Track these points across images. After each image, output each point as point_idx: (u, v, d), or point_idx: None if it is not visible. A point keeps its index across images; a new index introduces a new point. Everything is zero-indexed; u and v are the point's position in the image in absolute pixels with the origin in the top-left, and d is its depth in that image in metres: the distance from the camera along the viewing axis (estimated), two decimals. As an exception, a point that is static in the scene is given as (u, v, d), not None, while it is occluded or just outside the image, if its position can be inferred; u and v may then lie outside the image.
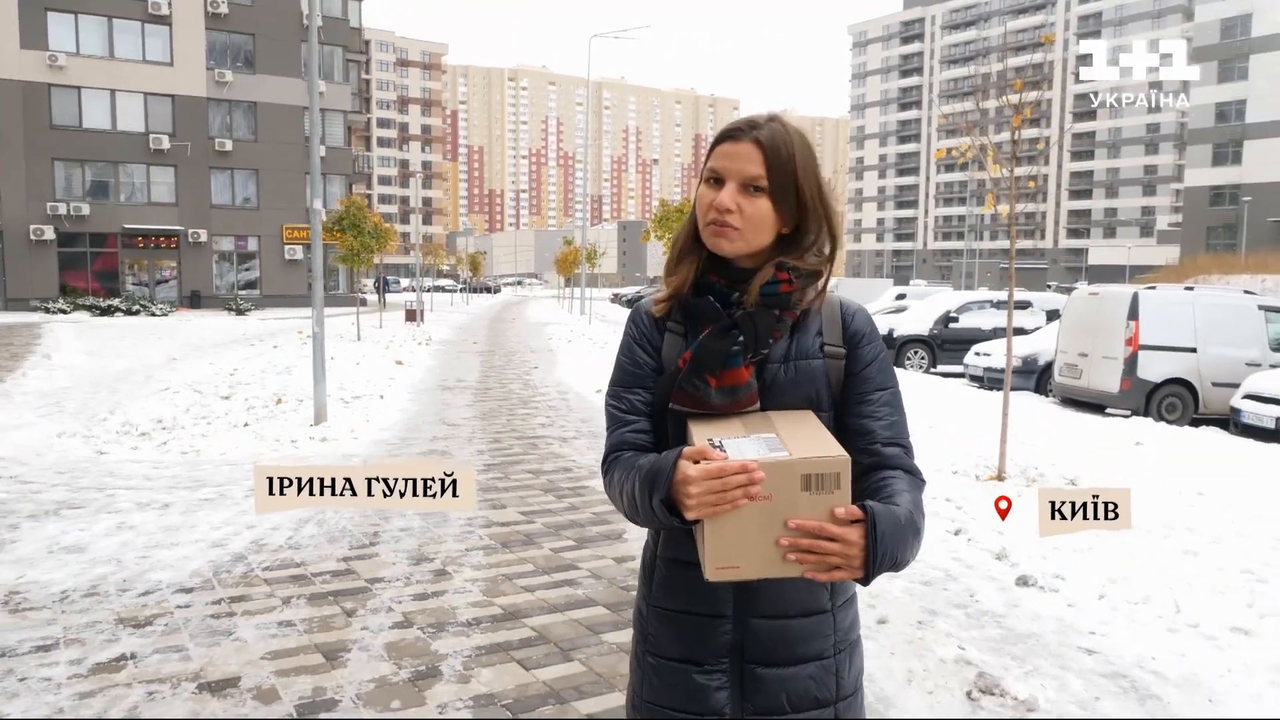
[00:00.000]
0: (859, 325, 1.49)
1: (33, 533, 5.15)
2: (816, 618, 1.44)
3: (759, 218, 1.41)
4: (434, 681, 3.37)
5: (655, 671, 1.47)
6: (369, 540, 5.21)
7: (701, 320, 1.44)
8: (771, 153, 1.39)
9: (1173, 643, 3.99)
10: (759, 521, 1.24)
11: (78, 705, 3.08)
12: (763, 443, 1.30)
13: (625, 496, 1.39)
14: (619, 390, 1.50)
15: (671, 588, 1.46)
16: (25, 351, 16.81)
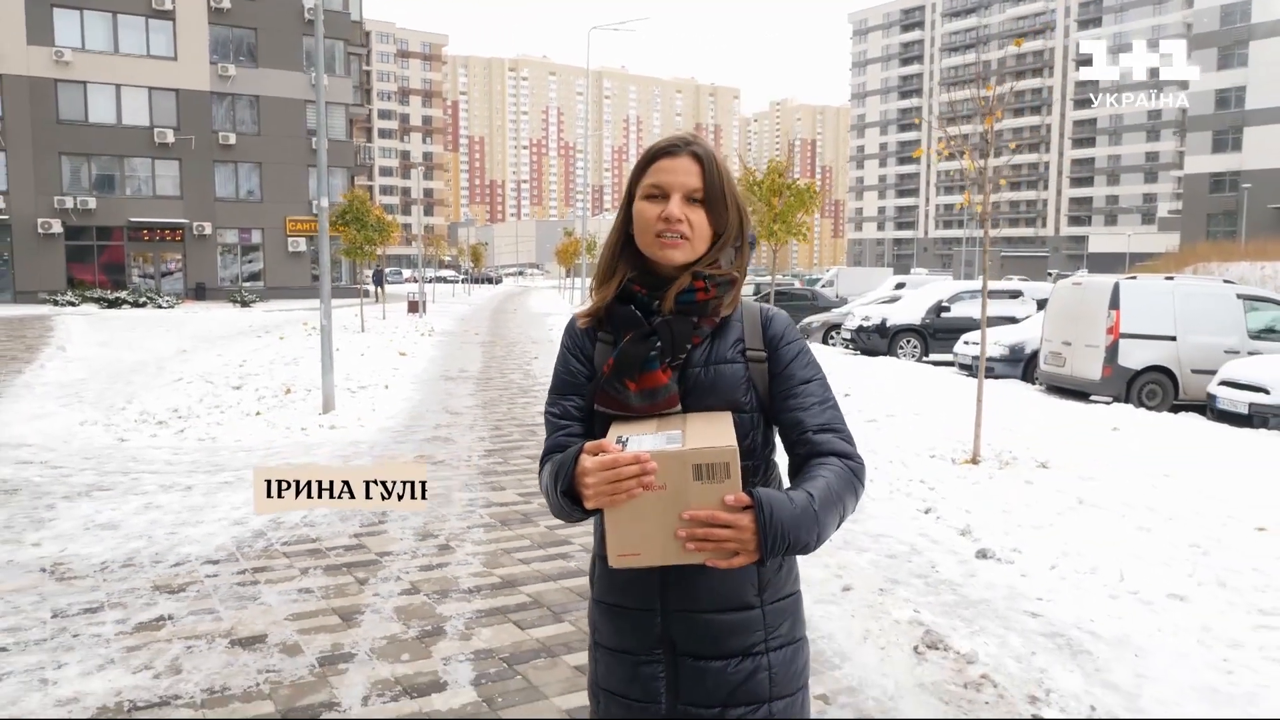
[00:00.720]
0: (777, 328, 1.57)
1: (68, 512, 5.57)
2: (742, 613, 1.48)
3: (703, 226, 1.50)
4: (439, 639, 3.77)
5: (603, 660, 1.56)
6: (378, 519, 5.62)
7: (623, 327, 1.52)
8: (708, 165, 1.50)
9: (1112, 607, 4.38)
10: (655, 510, 1.30)
11: (127, 656, 3.49)
12: (664, 438, 1.37)
13: (544, 493, 1.48)
14: (554, 397, 1.60)
15: (608, 582, 1.54)
16: (40, 343, 17.24)
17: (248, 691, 3.25)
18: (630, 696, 1.50)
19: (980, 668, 3.60)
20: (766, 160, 12.74)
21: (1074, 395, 12.60)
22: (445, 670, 3.46)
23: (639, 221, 1.50)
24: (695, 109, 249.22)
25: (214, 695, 3.22)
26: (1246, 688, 3.49)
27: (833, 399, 1.54)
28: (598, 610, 1.57)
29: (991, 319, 17.19)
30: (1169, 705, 3.32)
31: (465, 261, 69.89)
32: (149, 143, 36.85)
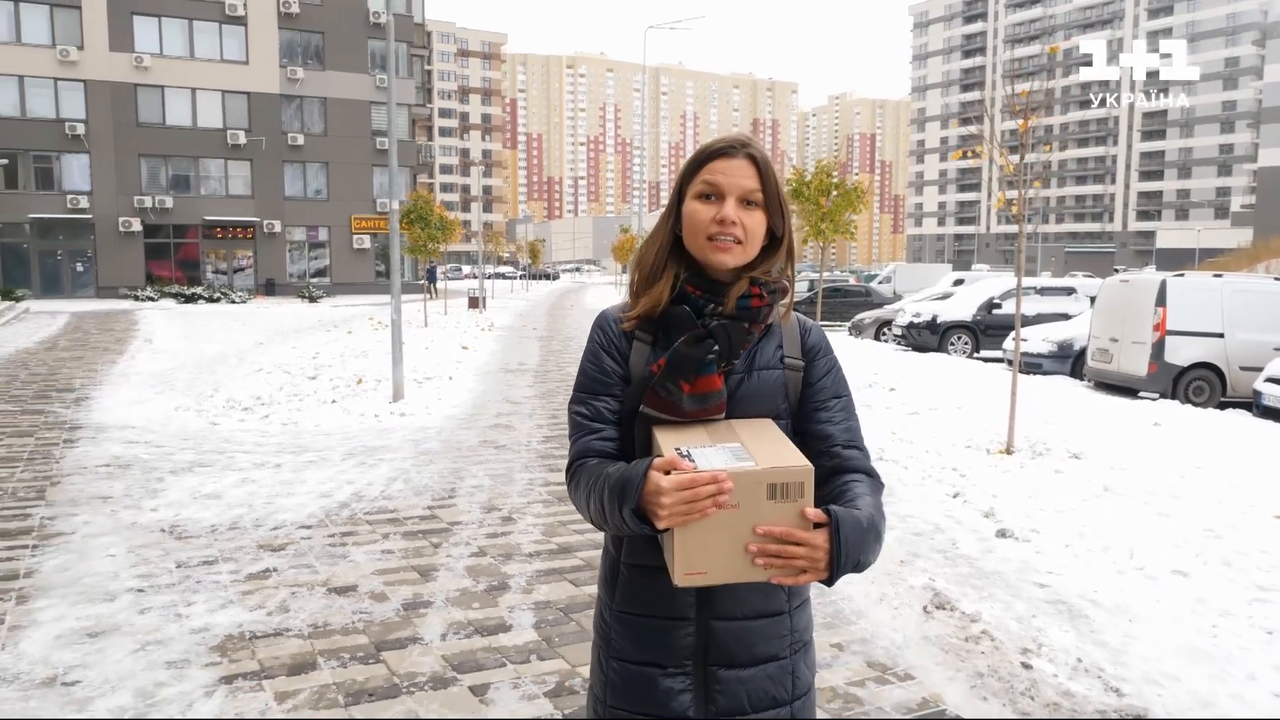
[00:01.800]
0: (815, 340, 1.58)
1: (176, 484, 6.27)
2: (774, 619, 1.49)
3: (756, 231, 1.48)
4: (504, 592, 4.32)
5: (619, 675, 1.49)
6: (448, 494, 6.21)
7: (676, 329, 1.48)
8: (764, 167, 1.48)
9: (1116, 581, 4.75)
10: (726, 529, 1.28)
11: (243, 598, 4.12)
12: (729, 452, 1.34)
13: (593, 506, 1.41)
14: (585, 397, 1.53)
15: (635, 593, 1.49)
16: (128, 336, 18.37)
17: (345, 627, 3.84)
18: (650, 712, 1.46)
19: (982, 625, 4.03)
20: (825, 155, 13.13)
21: (1121, 392, 12.75)
22: (510, 616, 4.02)
23: (691, 222, 1.48)
24: (753, 104, 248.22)
25: (317, 629, 3.81)
26: (1227, 649, 3.86)
27: (856, 416, 1.57)
28: (619, 622, 1.51)
29: (1045, 316, 17.46)
30: (1150, 660, 3.71)
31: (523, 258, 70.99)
32: (222, 144, 38.40)
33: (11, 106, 35.42)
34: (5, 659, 3.45)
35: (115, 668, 3.38)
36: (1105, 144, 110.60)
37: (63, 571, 4.45)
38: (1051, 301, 18.54)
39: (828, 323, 25.59)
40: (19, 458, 7.15)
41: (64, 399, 10.29)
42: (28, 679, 3.29)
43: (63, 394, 10.66)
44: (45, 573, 4.44)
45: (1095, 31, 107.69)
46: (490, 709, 3.15)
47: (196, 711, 3.06)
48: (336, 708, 3.14)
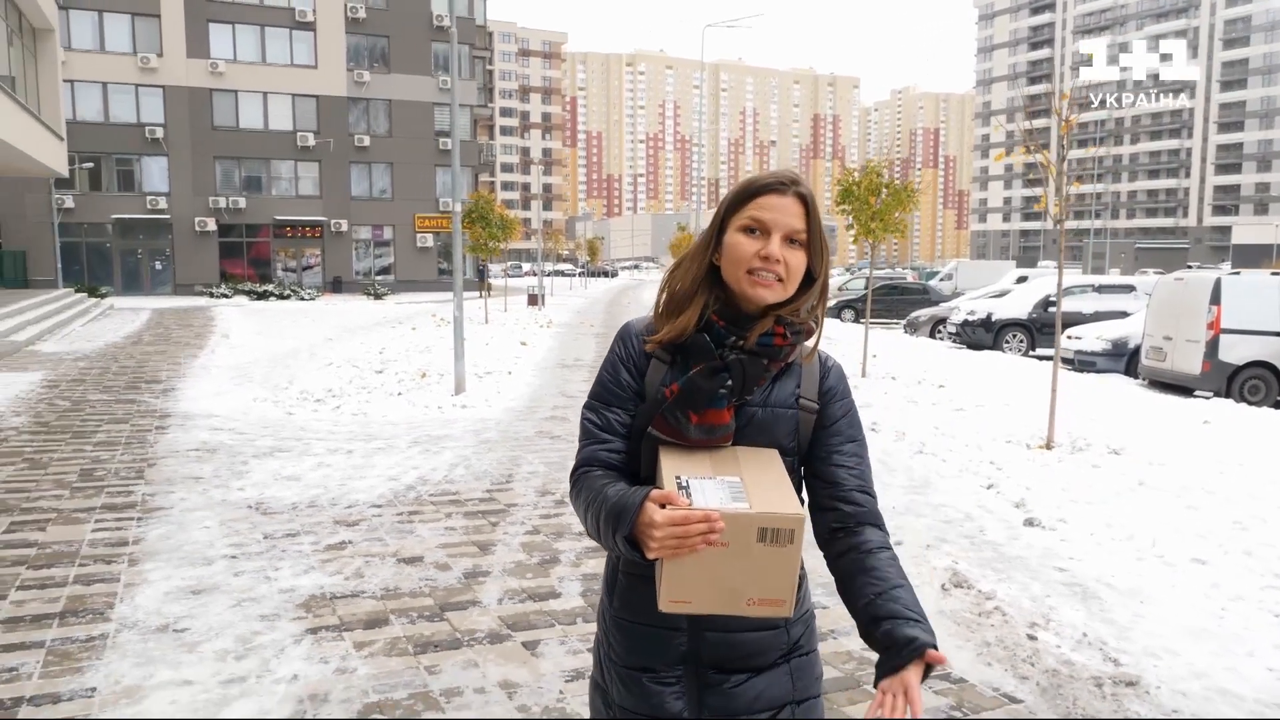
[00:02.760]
0: (833, 382, 1.58)
1: (259, 467, 6.84)
2: (770, 632, 1.51)
3: (797, 270, 1.48)
4: (554, 565, 4.74)
5: (617, 677, 1.55)
6: (505, 479, 6.67)
7: (694, 357, 1.50)
8: (811, 207, 1.49)
9: (1135, 567, 4.98)
10: (715, 564, 1.32)
11: (322, 565, 4.61)
12: (726, 488, 1.37)
13: (590, 520, 1.44)
14: (598, 405, 1.55)
15: (631, 599, 1.52)
16: (206, 332, 19.34)
17: (413, 591, 4.30)
18: (644, 713, 1.51)
19: (996, 602, 4.32)
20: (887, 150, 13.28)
21: (1175, 390, 12.70)
22: (560, 585, 4.43)
23: (732, 253, 1.48)
24: (813, 99, 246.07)
25: (389, 592, 4.28)
26: (1233, 629, 4.09)
27: (868, 459, 1.59)
28: (616, 626, 1.55)
29: (1103, 314, 17.35)
30: (1153, 637, 3.97)
31: (582, 256, 71.72)
32: (292, 146, 39.70)
33: (95, 112, 37.09)
34: (124, 610, 3.98)
35: (217, 619, 3.89)
36: (1179, 136, 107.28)
37: (165, 540, 5.01)
38: (1111, 299, 18.41)
39: (883, 320, 25.60)
40: (118, 442, 7.82)
41: (152, 389, 11.04)
42: (144, 626, 3.80)
43: (151, 385, 11.43)
44: (150, 541, 5.00)
45: (1169, 21, 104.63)
46: (540, 661, 3.56)
47: (288, 655, 3.53)
48: (407, 655, 3.58)
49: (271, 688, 3.25)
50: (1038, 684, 3.50)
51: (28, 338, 16.19)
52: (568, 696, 3.26)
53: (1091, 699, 3.39)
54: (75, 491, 6.07)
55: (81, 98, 36.36)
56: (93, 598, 4.13)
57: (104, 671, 3.36)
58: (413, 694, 3.25)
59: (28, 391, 10.57)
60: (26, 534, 5.09)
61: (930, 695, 3.34)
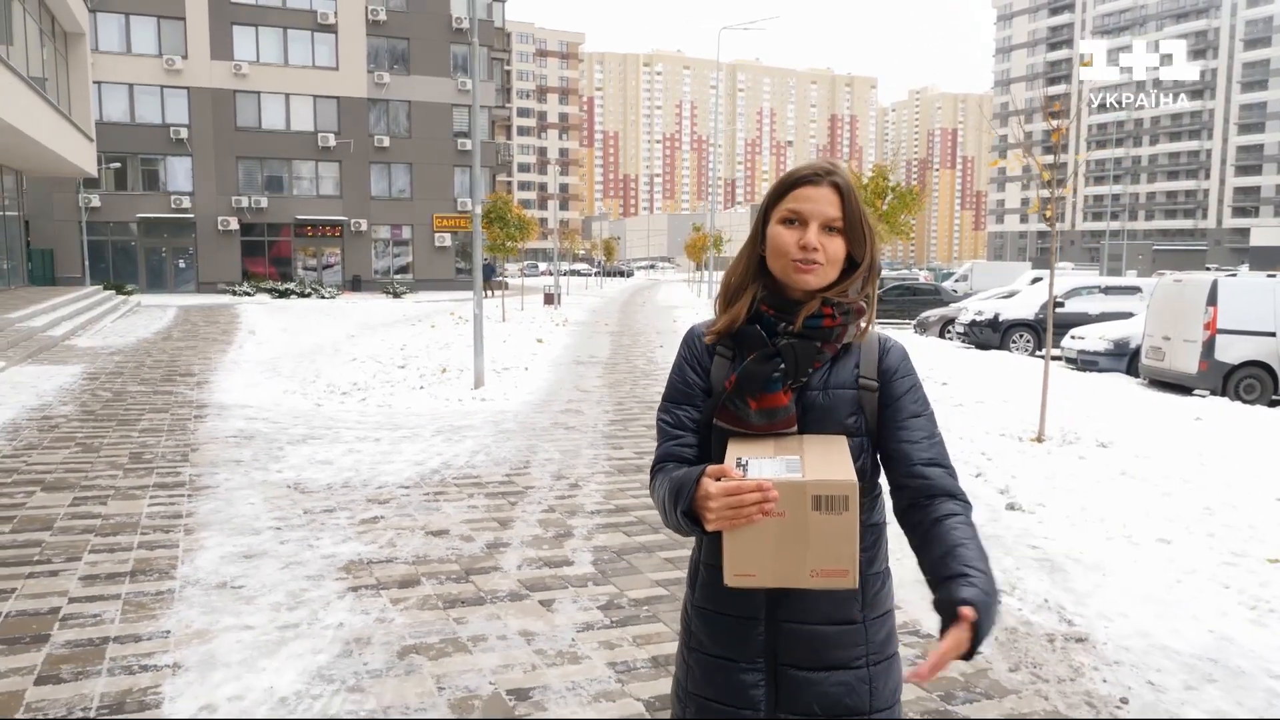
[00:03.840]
0: (892, 361, 1.61)
1: (294, 452, 7.35)
2: (846, 627, 1.52)
3: (837, 255, 1.53)
4: (568, 539, 5.21)
5: (698, 665, 1.58)
6: (523, 465, 7.14)
7: (748, 346, 1.56)
8: (847, 196, 1.53)
9: (1102, 545, 5.39)
10: (774, 536, 1.34)
11: (358, 536, 5.10)
12: (784, 464, 1.40)
13: (659, 504, 1.52)
14: (669, 405, 1.63)
15: (711, 590, 1.57)
16: (232, 328, 19.94)
17: (441, 558, 4.78)
18: (726, 702, 1.54)
19: (969, 573, 4.74)
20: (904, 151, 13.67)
21: (1174, 389, 13.03)
22: (572, 555, 4.90)
23: (775, 245, 1.55)
24: (830, 100, 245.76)
25: (419, 559, 4.76)
26: (1183, 598, 4.50)
27: (939, 434, 1.60)
28: (698, 616, 1.60)
29: (1109, 315, 17.66)
30: (1108, 603, 4.39)
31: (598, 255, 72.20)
32: (313, 146, 40.39)
33: (121, 113, 37.88)
34: (186, 570, 4.48)
35: (268, 578, 4.37)
36: (1199, 138, 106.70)
37: (216, 514, 5.51)
38: (1117, 301, 18.70)
39: (894, 321, 25.99)
40: (160, 429, 8.35)
41: (187, 382, 11.60)
42: (206, 583, 4.30)
43: (185, 378, 11.99)
44: (202, 514, 5.50)
45: (1189, 21, 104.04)
46: (555, 615, 4.03)
47: (333, 608, 4.02)
48: (438, 610, 4.06)
49: (321, 632, 3.74)
50: (996, 639, 3.93)
51: (63, 333, 16.81)
52: (578, 643, 3.73)
53: (1042, 652, 3.82)
54: (128, 472, 6.60)
55: (108, 99, 37.16)
56: (156, 560, 4.63)
57: (175, 618, 3.86)
58: (444, 639, 3.72)
59: (71, 383, 11.14)
60: (90, 507, 5.61)
61: (901, 648, 3.77)
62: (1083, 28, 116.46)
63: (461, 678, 3.36)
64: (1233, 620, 4.20)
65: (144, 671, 3.35)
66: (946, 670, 1.44)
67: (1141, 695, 3.41)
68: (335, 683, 3.28)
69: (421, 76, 41.87)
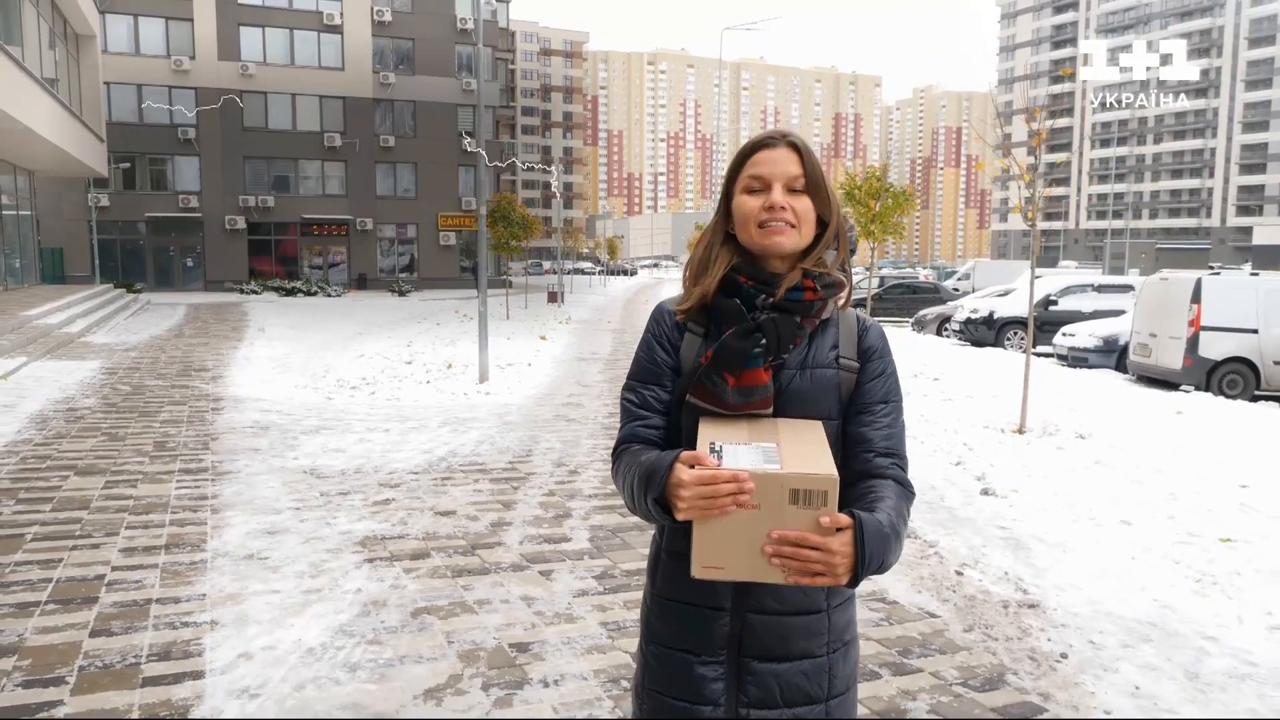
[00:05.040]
0: (872, 340, 1.56)
1: (308, 442, 7.75)
2: (812, 616, 1.49)
3: (807, 214, 1.49)
4: (567, 518, 5.60)
5: (656, 659, 1.53)
6: (526, 453, 7.53)
7: (725, 320, 1.49)
8: (806, 154, 1.50)
9: (1069, 527, 5.75)
10: (746, 528, 1.29)
11: (372, 516, 5.49)
12: (760, 452, 1.34)
13: (625, 490, 1.46)
14: (635, 384, 1.58)
15: (674, 579, 1.51)
16: (242, 326, 20.36)
17: (449, 535, 5.17)
18: (684, 698, 1.49)
19: (937, 549, 5.12)
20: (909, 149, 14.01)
21: (1160, 385, 13.38)
22: (570, 533, 5.29)
23: (740, 214, 1.50)
24: (835, 98, 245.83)
25: (429, 536, 5.15)
26: (1135, 572, 4.86)
27: (902, 422, 1.55)
28: (657, 607, 1.56)
29: (1102, 312, 17.99)
30: (1064, 576, 4.75)
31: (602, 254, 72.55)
32: (319, 146, 40.82)
33: (130, 113, 38.32)
34: (215, 544, 4.88)
35: (291, 551, 4.77)
36: (1203, 136, 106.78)
37: (238, 495, 5.91)
38: (1110, 299, 19.03)
39: (893, 319, 26.33)
40: (180, 420, 8.75)
41: (202, 377, 12.00)
42: (235, 555, 4.69)
43: (199, 373, 12.39)
44: (225, 496, 5.90)
45: (1193, 20, 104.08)
46: (553, 583, 4.41)
47: (351, 576, 4.41)
48: (447, 578, 4.45)
49: (341, 596, 4.12)
50: (955, 605, 4.31)
51: (79, 330, 17.24)
52: (574, 606, 4.11)
53: (996, 616, 4.19)
54: (153, 459, 6.99)
55: (117, 99, 37.59)
56: (188, 535, 5.03)
57: (209, 584, 4.25)
58: (452, 603, 4.11)
59: (90, 377, 11.55)
60: (122, 490, 6.01)
61: (865, 610, 4.15)
62: (1086, 26, 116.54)
63: (469, 634, 3.75)
64: (1178, 591, 4.57)
65: (185, 627, 3.74)
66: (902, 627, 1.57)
67: (1081, 652, 3.79)
68: (356, 636, 3.67)
69: (426, 76, 42.28)
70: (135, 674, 3.30)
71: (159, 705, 3.07)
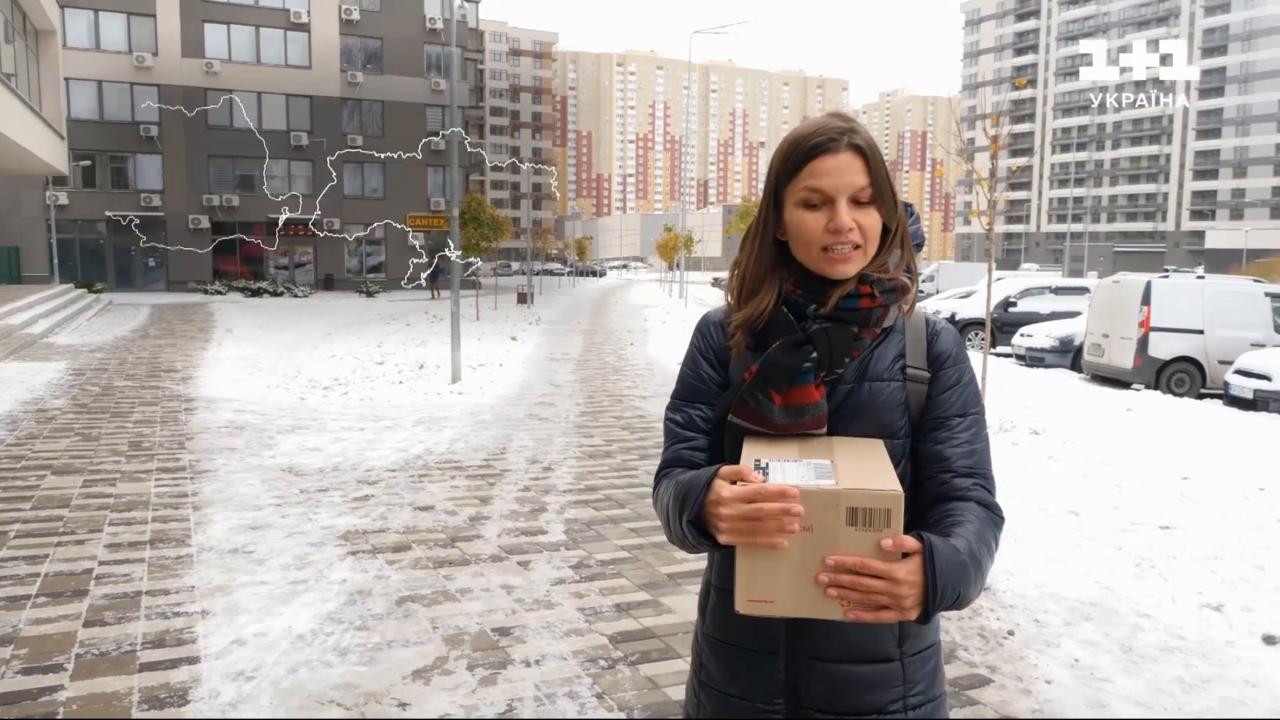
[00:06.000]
0: (944, 346, 1.40)
1: (285, 441, 7.86)
2: (881, 666, 1.31)
3: (874, 230, 1.32)
4: (542, 513, 5.79)
5: (710, 701, 1.41)
6: (500, 451, 7.71)
7: (774, 332, 1.35)
8: (873, 157, 1.31)
9: (1020, 518, 6.04)
10: (797, 554, 1.13)
11: (352, 511, 5.64)
12: (811, 468, 1.20)
13: (661, 512, 1.34)
14: (679, 403, 1.44)
15: (724, 618, 1.37)
16: (209, 326, 20.28)
17: (429, 529, 5.35)
18: None
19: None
20: None
21: (1113, 383, 13.84)
22: (546, 526, 5.49)
23: (799, 233, 1.33)
24: (803, 101, 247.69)
25: (409, 529, 5.32)
26: (1079, 558, 5.15)
27: (986, 438, 1.38)
28: (708, 646, 1.42)
29: (1059, 314, 18.49)
30: (1013, 561, 5.03)
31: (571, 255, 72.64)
32: (285, 145, 40.51)
33: (90, 110, 37.78)
34: (200, 539, 5.01)
35: (274, 545, 4.92)
36: (1159, 143, 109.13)
37: (219, 493, 6.03)
38: (1067, 300, 19.57)
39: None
40: (154, 420, 8.82)
41: (171, 377, 12.02)
42: (220, 549, 4.83)
43: (169, 374, 12.40)
44: (206, 494, 6.02)
45: (1150, 29, 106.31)
46: (531, 573, 4.60)
47: (336, 568, 4.57)
48: (429, 569, 4.63)
49: (327, 586, 4.29)
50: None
51: (42, 330, 17.09)
52: (552, 593, 4.31)
53: (950, 599, 4.45)
54: (130, 458, 7.08)
55: (77, 95, 37.07)
56: (172, 531, 5.16)
57: (197, 576, 4.39)
58: (435, 591, 4.29)
59: (58, 379, 11.52)
60: (101, 488, 6.11)
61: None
62: (1048, 34, 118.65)
63: (452, 620, 3.94)
64: (1118, 575, 4.87)
65: (177, 617, 3.89)
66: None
67: (1026, 629, 4.06)
68: (344, 623, 3.84)
69: (395, 76, 42.16)
70: (132, 660, 3.45)
71: (158, 688, 3.23)
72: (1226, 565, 5.06)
